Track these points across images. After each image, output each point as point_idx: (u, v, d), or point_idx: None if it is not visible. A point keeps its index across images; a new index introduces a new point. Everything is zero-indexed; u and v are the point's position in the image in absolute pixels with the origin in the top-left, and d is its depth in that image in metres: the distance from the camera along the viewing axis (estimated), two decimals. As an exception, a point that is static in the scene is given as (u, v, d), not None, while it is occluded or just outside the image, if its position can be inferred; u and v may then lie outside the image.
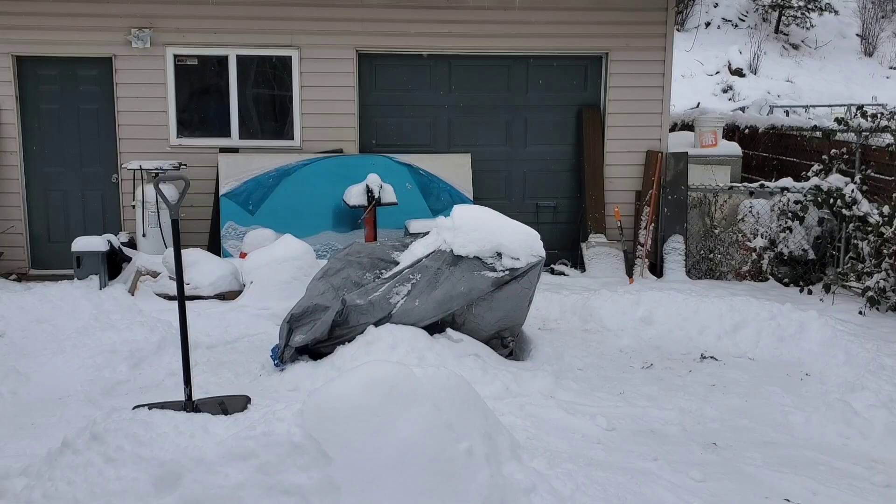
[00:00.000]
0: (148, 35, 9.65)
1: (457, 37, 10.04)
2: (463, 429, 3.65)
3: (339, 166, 9.62)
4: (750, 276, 9.70)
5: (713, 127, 11.66)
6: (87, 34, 9.66)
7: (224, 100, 9.99)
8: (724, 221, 9.82)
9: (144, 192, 9.16)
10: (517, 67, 10.33)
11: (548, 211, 10.49)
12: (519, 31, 10.06)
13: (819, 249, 9.55)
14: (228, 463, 3.37)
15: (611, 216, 10.08)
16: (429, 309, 6.15)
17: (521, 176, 10.48)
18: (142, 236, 9.23)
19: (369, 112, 10.16)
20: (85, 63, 9.81)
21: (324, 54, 9.91)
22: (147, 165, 9.16)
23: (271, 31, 9.84)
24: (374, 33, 9.93)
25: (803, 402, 5.68)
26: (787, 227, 9.52)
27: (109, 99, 9.84)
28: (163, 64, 9.79)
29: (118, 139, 9.86)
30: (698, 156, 11.16)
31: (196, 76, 9.96)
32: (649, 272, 9.75)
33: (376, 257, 6.61)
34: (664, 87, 10.24)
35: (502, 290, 6.21)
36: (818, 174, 9.87)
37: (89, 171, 9.98)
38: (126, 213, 9.88)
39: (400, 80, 10.22)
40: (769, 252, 9.59)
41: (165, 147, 9.83)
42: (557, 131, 10.45)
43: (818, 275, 9.43)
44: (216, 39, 9.81)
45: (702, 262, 9.86)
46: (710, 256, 9.85)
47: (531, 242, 6.35)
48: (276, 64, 10.00)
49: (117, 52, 9.72)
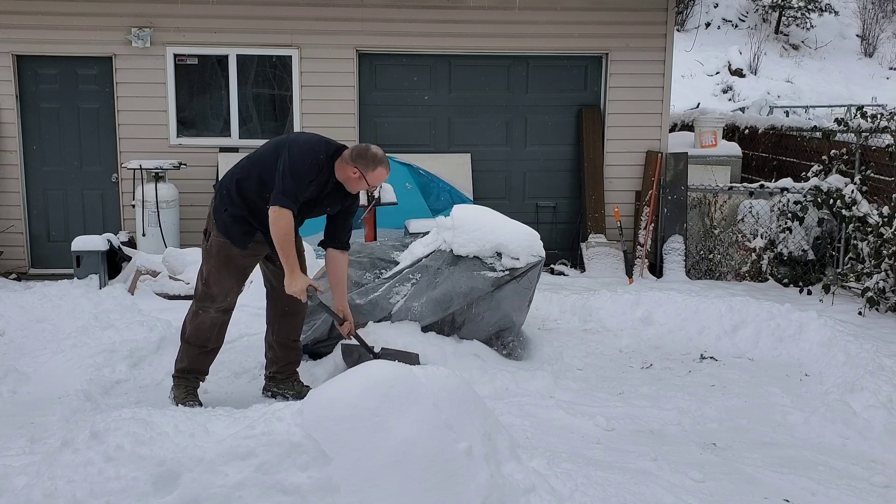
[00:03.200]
0: (148, 34, 9.66)
1: (457, 37, 10.05)
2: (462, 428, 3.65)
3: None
4: (749, 276, 9.70)
5: (713, 127, 11.66)
6: (87, 33, 9.67)
7: (224, 99, 10.00)
8: (723, 222, 9.82)
9: (144, 192, 9.17)
10: (517, 67, 10.34)
11: (547, 211, 10.49)
12: (519, 31, 10.07)
13: (818, 250, 9.56)
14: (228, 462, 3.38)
15: (610, 216, 10.08)
16: (428, 309, 6.15)
17: (521, 176, 10.49)
18: (141, 236, 9.24)
19: (369, 112, 10.17)
20: (85, 62, 9.82)
21: (324, 54, 9.92)
22: (147, 165, 9.17)
23: (271, 30, 9.85)
24: (375, 33, 9.94)
25: (802, 402, 5.68)
26: (787, 228, 9.52)
27: (109, 98, 9.85)
28: (163, 63, 9.80)
29: (118, 138, 9.87)
30: (698, 156, 11.16)
31: (196, 75, 9.97)
32: (649, 272, 9.76)
33: (376, 257, 6.61)
34: (664, 88, 10.25)
35: (502, 289, 6.22)
36: (818, 175, 9.87)
37: (89, 171, 9.98)
38: (126, 212, 9.89)
39: (400, 79, 10.23)
40: (769, 252, 9.60)
41: (165, 146, 9.84)
42: (557, 131, 10.45)
43: (818, 275, 9.44)
44: (216, 39, 9.82)
45: (701, 263, 9.86)
46: (709, 257, 9.86)
47: (531, 242, 6.35)
48: (277, 63, 10.01)
49: (117, 52, 9.73)
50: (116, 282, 8.48)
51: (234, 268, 5.14)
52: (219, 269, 5.12)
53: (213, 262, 5.11)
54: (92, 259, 8.58)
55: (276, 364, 5.56)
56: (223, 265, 5.10)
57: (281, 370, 5.55)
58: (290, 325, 5.52)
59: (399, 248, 6.75)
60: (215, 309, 5.20)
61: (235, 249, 5.08)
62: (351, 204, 5.27)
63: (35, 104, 9.87)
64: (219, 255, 5.10)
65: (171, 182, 9.36)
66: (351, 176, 5.02)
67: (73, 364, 5.88)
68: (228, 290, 5.20)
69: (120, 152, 9.88)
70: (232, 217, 5.07)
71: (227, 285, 5.17)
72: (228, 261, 5.10)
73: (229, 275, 5.14)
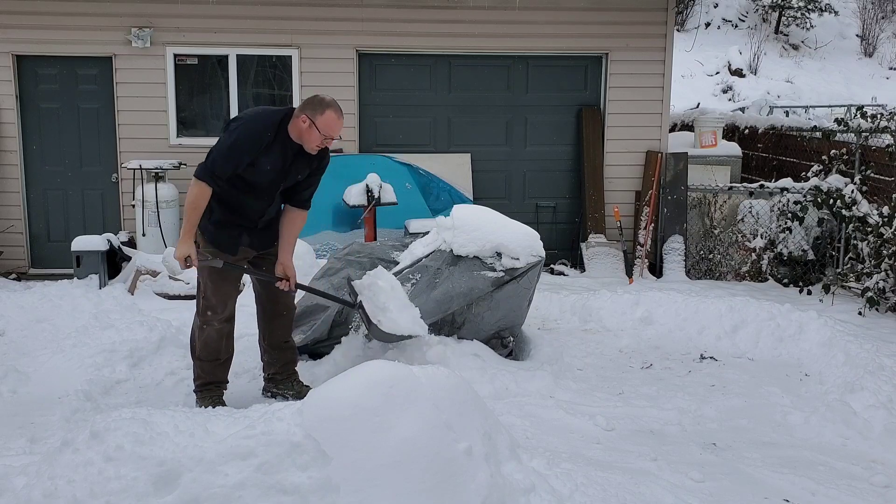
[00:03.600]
0: (148, 34, 9.66)
1: (457, 37, 10.05)
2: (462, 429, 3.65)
3: (338, 166, 9.60)
4: (749, 276, 9.71)
5: (713, 127, 11.66)
6: (87, 33, 9.67)
7: (224, 99, 10.00)
8: (723, 222, 9.83)
9: (144, 192, 9.17)
10: (517, 67, 10.34)
11: (547, 211, 10.50)
12: (519, 31, 10.07)
13: (818, 250, 9.56)
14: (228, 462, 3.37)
15: (610, 216, 10.09)
16: (428, 309, 6.15)
17: (521, 176, 10.49)
18: (141, 236, 9.24)
19: (369, 112, 10.17)
20: (85, 62, 9.82)
21: (324, 54, 9.93)
22: (147, 165, 9.18)
23: (271, 30, 9.85)
24: (374, 33, 9.94)
25: (802, 402, 5.68)
26: (787, 228, 9.52)
27: (109, 98, 9.85)
28: (163, 63, 9.80)
29: (118, 138, 9.87)
30: (698, 156, 11.17)
31: (196, 75, 9.97)
32: (649, 272, 9.76)
33: (376, 257, 6.61)
34: (664, 88, 10.26)
35: (502, 290, 6.22)
36: (818, 174, 9.87)
37: (89, 171, 9.98)
38: (126, 212, 9.89)
39: (400, 79, 10.23)
40: (769, 252, 9.60)
41: (165, 146, 9.84)
42: (557, 131, 10.45)
43: (818, 275, 9.44)
44: (216, 39, 9.82)
45: (701, 263, 9.86)
46: (709, 257, 9.86)
47: (531, 242, 6.35)
48: (276, 63, 10.01)
49: (117, 52, 9.73)
50: (116, 282, 8.49)
51: (229, 274, 5.17)
52: (214, 280, 5.13)
53: (208, 272, 5.11)
54: (92, 259, 8.58)
55: (274, 366, 5.56)
56: (218, 274, 5.11)
57: (280, 371, 5.56)
58: (281, 327, 5.52)
59: (399, 247, 6.75)
60: (218, 321, 5.21)
61: (227, 257, 5.10)
62: (318, 166, 5.19)
63: (35, 104, 9.87)
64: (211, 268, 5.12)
65: (170, 182, 9.37)
66: (301, 126, 4.90)
67: (73, 364, 5.88)
68: (227, 296, 5.21)
69: (120, 152, 9.88)
70: (215, 225, 5.07)
71: (224, 292, 5.18)
72: (222, 269, 5.10)
73: (225, 281, 5.17)
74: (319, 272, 6.67)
